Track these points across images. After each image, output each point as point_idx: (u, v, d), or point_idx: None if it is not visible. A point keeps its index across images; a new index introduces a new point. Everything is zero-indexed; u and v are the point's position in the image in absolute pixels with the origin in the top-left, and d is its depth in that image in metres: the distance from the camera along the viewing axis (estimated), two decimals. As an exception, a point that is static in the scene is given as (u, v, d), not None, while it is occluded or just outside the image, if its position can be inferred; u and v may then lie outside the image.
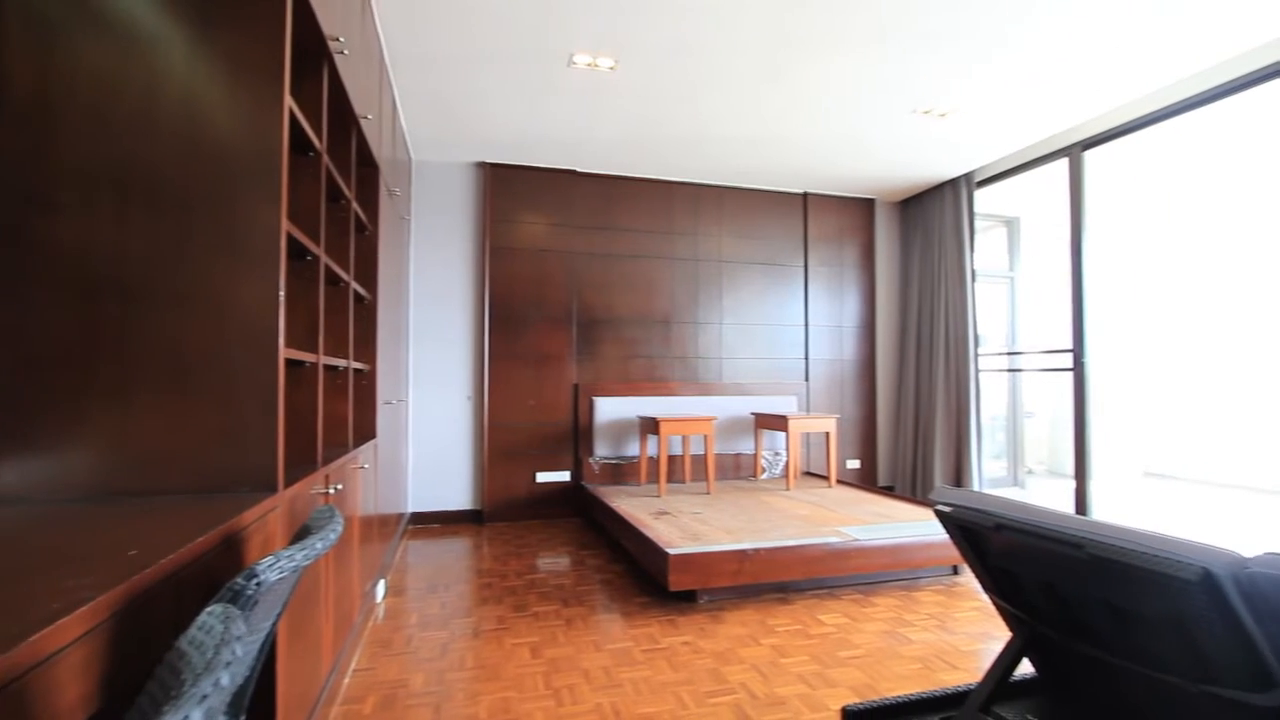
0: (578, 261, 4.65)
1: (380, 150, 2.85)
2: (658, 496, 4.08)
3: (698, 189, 4.94)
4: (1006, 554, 1.35)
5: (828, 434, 4.44)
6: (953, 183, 4.78)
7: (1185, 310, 6.20)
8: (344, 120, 2.33)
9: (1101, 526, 1.11)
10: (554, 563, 3.46)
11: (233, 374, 1.35)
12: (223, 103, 1.35)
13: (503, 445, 4.43)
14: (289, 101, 1.44)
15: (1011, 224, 5.69)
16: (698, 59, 3.05)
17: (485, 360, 4.42)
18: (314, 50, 1.87)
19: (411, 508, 4.33)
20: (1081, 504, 4.02)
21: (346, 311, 2.35)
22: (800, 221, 5.19)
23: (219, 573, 1.01)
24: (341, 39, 1.95)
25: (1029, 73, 3.19)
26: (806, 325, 5.15)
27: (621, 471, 4.63)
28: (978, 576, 1.48)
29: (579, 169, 4.63)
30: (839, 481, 4.63)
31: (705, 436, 4.22)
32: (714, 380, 4.94)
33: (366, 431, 2.74)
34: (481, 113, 3.67)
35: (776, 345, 5.10)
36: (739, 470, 4.93)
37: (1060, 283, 4.17)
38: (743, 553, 2.77)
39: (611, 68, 3.12)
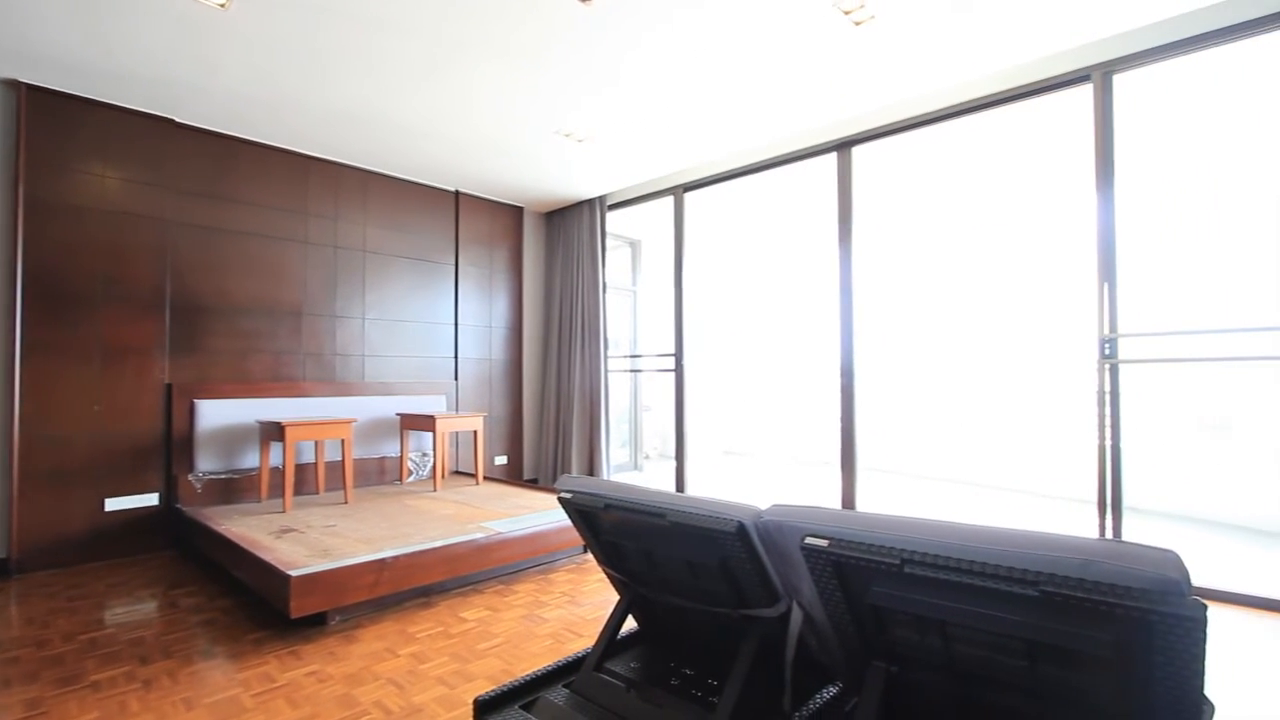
0: (176, 233, 3.76)
1: None
2: (282, 512, 3.57)
3: (339, 169, 4.48)
4: (614, 529, 1.58)
5: (476, 432, 4.51)
6: (590, 203, 5.34)
7: (752, 322, 8.13)
8: None
9: (677, 499, 1.39)
10: (130, 612, 2.74)
11: None
12: None
13: (48, 465, 3.31)
14: None
15: (635, 245, 6.65)
16: (343, 29, 2.78)
17: (16, 352, 3.24)
18: None
19: None
20: (681, 480, 4.92)
21: None
22: (452, 220, 5.15)
23: None
24: None
25: (640, 122, 3.77)
26: (457, 324, 5.14)
27: (235, 488, 3.91)
28: (592, 551, 1.70)
29: (180, 119, 3.75)
30: (486, 478, 4.75)
31: (343, 441, 3.86)
32: (355, 379, 4.55)
33: None
34: (15, 13, 2.68)
35: (426, 343, 4.96)
36: (384, 475, 4.64)
37: (668, 298, 5.04)
38: (381, 562, 2.62)
39: (222, 5, 2.61)
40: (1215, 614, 2.60)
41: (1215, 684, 2.03)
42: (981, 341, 6.17)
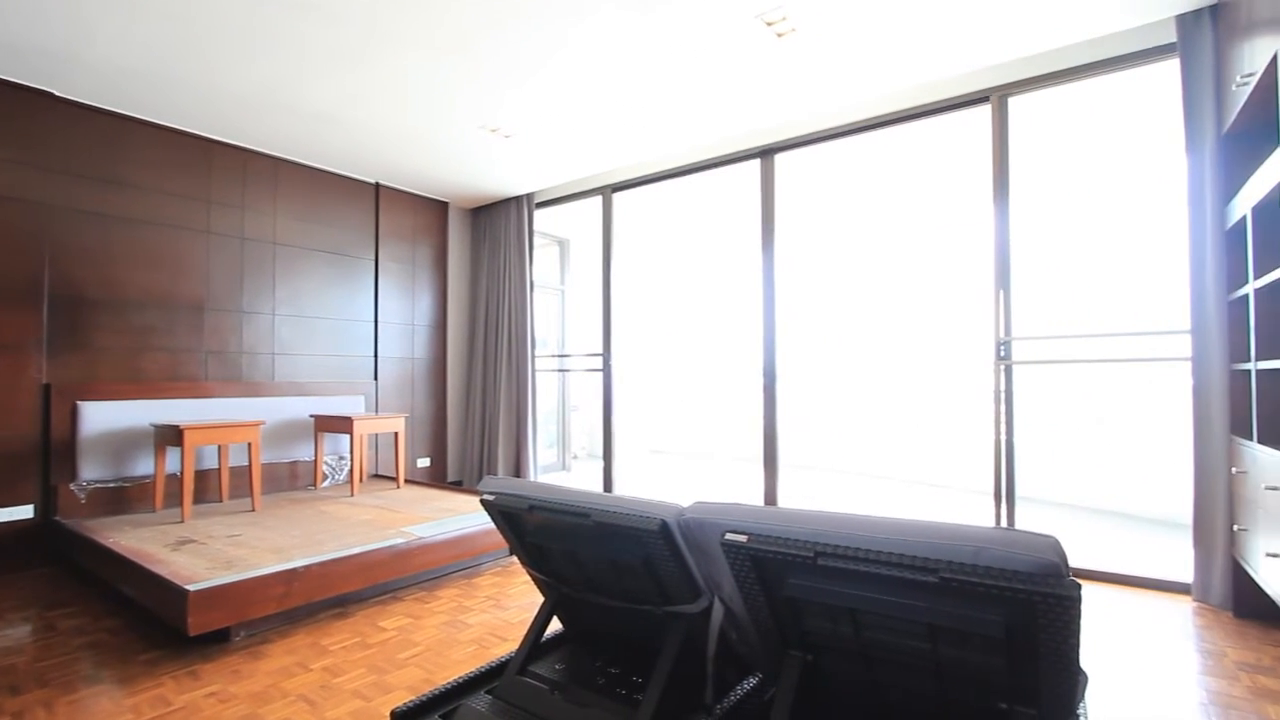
0: (56, 219, 3.42)
1: None
2: (180, 523, 3.32)
3: (247, 155, 4.21)
4: (539, 530, 1.57)
5: (397, 434, 4.35)
6: (517, 200, 5.26)
7: (680, 322, 8.24)
8: None
9: (601, 498, 1.39)
10: (-4, 637, 2.47)
11: None
12: None
13: (-107, 479, 2.94)
14: None
15: (563, 244, 6.61)
16: (253, 7, 2.61)
17: None
18: None
19: None
20: (609, 480, 4.93)
21: None
22: (372, 213, 4.94)
23: None
24: None
25: (568, 121, 3.75)
26: (377, 322, 4.93)
27: (126, 497, 3.60)
28: (516, 553, 1.68)
29: (60, 93, 3.42)
30: (408, 481, 4.59)
31: (250, 444, 3.63)
32: (265, 379, 4.29)
33: None
34: None
35: (343, 341, 4.73)
36: (296, 480, 4.40)
37: (597, 298, 5.04)
38: (292, 572, 2.48)
39: (113, -24, 2.41)
40: (1090, 592, 2.86)
41: (1087, 654, 2.23)
42: (895, 344, 6.52)
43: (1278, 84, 1.83)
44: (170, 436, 3.44)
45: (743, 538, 1.20)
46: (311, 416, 4.35)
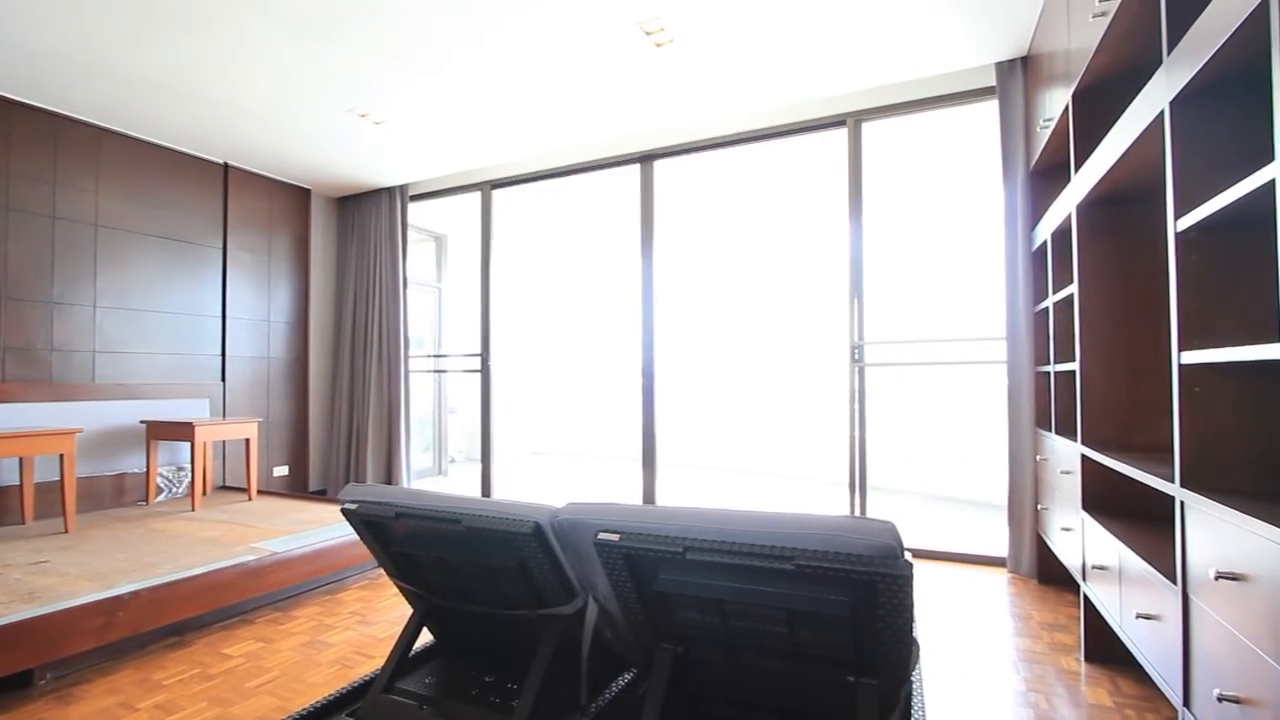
0: None
1: None
2: (-34, 550, 2.82)
3: (58, 121, 3.65)
4: (406, 539, 1.50)
5: (248, 440, 3.97)
6: (389, 191, 4.99)
7: (560, 323, 8.21)
8: None
9: (472, 503, 1.36)
10: None
11: None
12: None
13: None
14: None
15: (440, 240, 6.35)
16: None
17: None
18: None
19: None
20: (487, 483, 4.80)
21: None
22: (220, 196, 4.46)
23: None
24: None
25: (445, 111, 3.62)
26: (225, 317, 4.46)
27: (-113, 523, 3.00)
28: (383, 564, 1.59)
29: None
30: (262, 492, 4.20)
31: (62, 456, 3.15)
32: (83, 381, 3.74)
33: None
34: None
35: (183, 338, 4.23)
36: (124, 495, 3.88)
37: (475, 296, 4.89)
38: (115, 600, 2.19)
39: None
40: (924, 569, 3.20)
41: (920, 625, 2.50)
42: (765, 346, 6.90)
43: (1069, 130, 2.15)
44: (-47, 449, 2.90)
45: (615, 536, 1.22)
46: (143, 422, 3.86)
